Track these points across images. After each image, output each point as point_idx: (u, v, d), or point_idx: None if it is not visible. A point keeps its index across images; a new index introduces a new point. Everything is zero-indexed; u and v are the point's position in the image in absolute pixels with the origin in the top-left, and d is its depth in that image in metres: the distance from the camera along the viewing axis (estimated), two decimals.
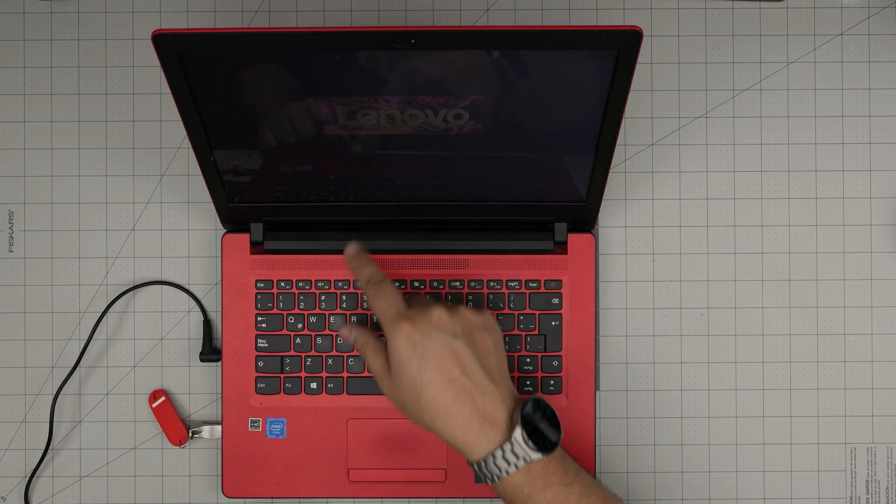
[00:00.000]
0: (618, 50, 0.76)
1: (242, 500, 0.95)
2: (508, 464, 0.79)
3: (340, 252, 0.93)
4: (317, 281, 0.93)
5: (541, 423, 0.80)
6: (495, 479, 0.80)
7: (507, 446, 0.79)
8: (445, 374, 0.80)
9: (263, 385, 0.93)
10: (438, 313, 0.82)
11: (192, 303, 0.96)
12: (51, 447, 0.95)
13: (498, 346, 0.84)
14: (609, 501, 0.80)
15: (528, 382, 0.93)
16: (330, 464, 0.93)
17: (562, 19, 0.96)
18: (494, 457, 0.79)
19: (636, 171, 0.96)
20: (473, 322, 0.83)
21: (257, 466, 0.93)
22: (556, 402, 0.93)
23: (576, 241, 0.93)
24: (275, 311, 0.93)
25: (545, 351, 0.93)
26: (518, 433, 0.79)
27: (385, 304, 0.83)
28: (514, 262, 0.93)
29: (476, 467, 0.81)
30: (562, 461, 0.81)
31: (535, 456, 0.79)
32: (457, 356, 0.81)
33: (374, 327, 0.92)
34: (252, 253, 0.93)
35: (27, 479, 0.95)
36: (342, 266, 0.93)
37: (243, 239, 0.93)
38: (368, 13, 0.96)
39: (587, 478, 0.81)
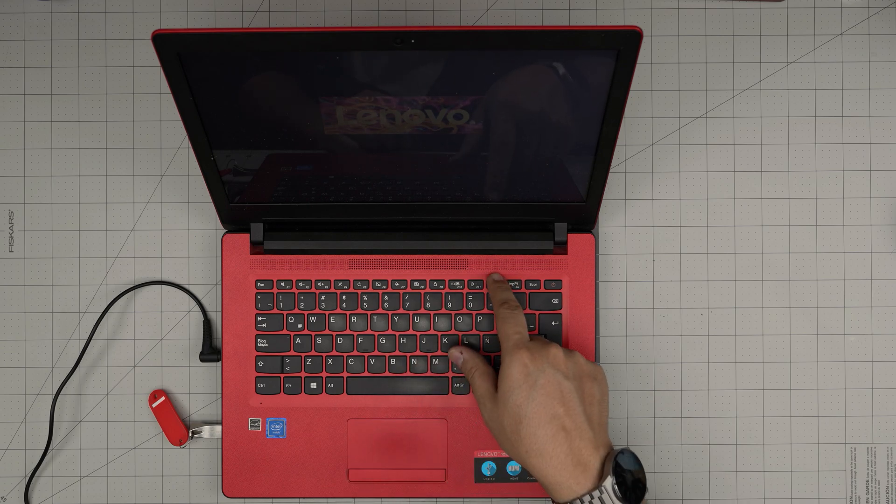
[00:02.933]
0: (618, 50, 0.76)
1: (242, 500, 0.95)
2: None
3: (340, 252, 0.93)
4: (317, 281, 0.93)
5: (630, 476, 0.82)
6: None
7: (596, 493, 0.81)
8: (550, 409, 0.82)
9: (263, 385, 0.93)
10: (556, 351, 0.84)
11: (192, 303, 0.96)
12: (51, 447, 0.95)
13: (603, 397, 0.85)
14: None
15: None
16: (330, 464, 0.93)
17: (562, 19, 0.96)
18: (582, 502, 0.81)
19: (636, 171, 0.96)
20: (585, 369, 0.85)
21: (257, 466, 0.93)
22: None
23: (576, 241, 0.93)
24: (275, 311, 0.93)
25: None
26: (609, 483, 0.80)
27: (513, 329, 0.86)
28: (514, 262, 0.93)
29: None
30: None
31: None
32: (563, 395, 0.83)
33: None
34: (252, 253, 0.93)
35: (27, 479, 0.95)
36: (342, 266, 0.93)
37: (243, 239, 0.93)
38: (368, 13, 0.96)
39: None
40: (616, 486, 0.80)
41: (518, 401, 0.82)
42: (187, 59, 0.76)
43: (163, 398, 0.95)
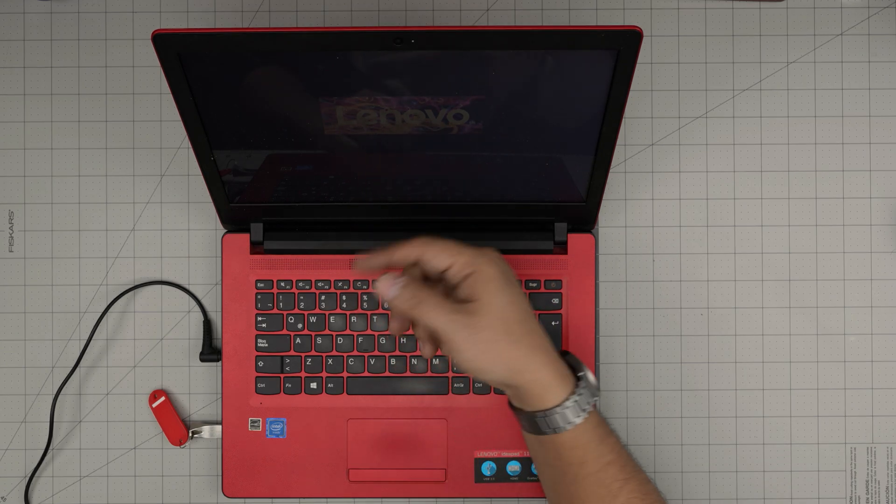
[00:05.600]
0: (618, 50, 0.76)
1: (242, 500, 0.95)
2: (580, 410, 0.78)
3: (340, 252, 0.93)
4: (317, 281, 0.93)
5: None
6: (556, 430, 0.78)
7: (581, 388, 0.78)
8: (528, 302, 0.79)
9: (263, 385, 0.93)
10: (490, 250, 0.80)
11: (192, 303, 0.96)
12: (51, 447, 0.95)
13: None
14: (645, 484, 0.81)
15: None
16: (330, 464, 0.93)
17: (562, 19, 0.96)
18: (568, 402, 0.77)
19: (636, 171, 0.96)
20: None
21: (257, 466, 0.93)
22: None
23: (576, 241, 0.93)
24: (275, 311, 0.93)
25: None
26: (585, 372, 0.78)
27: (444, 243, 0.79)
28: (514, 261, 0.93)
29: (540, 415, 0.78)
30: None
31: (597, 397, 0.79)
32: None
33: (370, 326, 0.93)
34: (252, 253, 0.93)
35: (27, 479, 0.95)
36: (342, 266, 0.93)
37: (243, 239, 0.93)
38: (368, 13, 0.96)
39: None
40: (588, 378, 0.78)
41: (513, 297, 0.77)
42: (187, 59, 0.76)
43: (163, 398, 0.95)
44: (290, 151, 0.86)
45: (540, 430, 0.79)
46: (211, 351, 0.95)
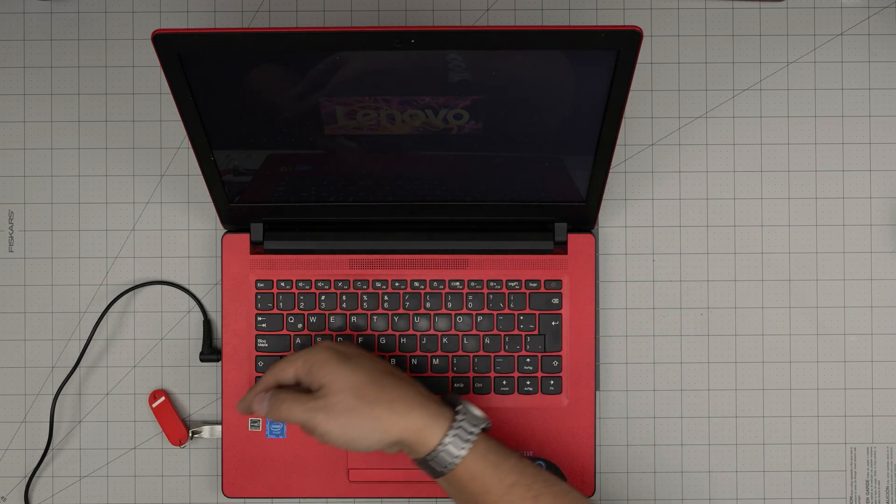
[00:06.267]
0: (618, 50, 0.76)
1: (242, 500, 0.95)
2: (463, 442, 0.80)
3: (340, 252, 0.93)
4: (317, 281, 0.93)
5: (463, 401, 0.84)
6: (448, 467, 0.80)
7: (459, 420, 0.81)
8: (380, 365, 0.83)
9: None
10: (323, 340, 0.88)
11: (192, 303, 0.96)
12: (51, 447, 0.95)
13: None
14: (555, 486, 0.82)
15: (527, 382, 0.93)
16: (330, 464, 0.93)
17: (562, 19, 0.96)
18: (447, 439, 0.80)
19: (636, 171, 0.96)
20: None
21: (257, 466, 0.93)
22: (556, 402, 0.93)
23: (576, 241, 0.93)
24: (275, 311, 0.93)
25: (545, 351, 0.93)
26: (464, 405, 0.82)
27: (284, 359, 0.84)
28: (514, 262, 0.93)
29: (428, 458, 0.81)
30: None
31: (483, 425, 0.82)
32: (372, 356, 0.85)
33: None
34: (252, 253, 0.93)
35: (27, 479, 0.95)
36: (342, 266, 0.93)
37: (243, 239, 0.93)
38: (368, 13, 0.96)
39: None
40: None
41: (353, 367, 0.81)
42: (187, 59, 0.76)
43: (163, 398, 0.95)
44: (290, 151, 0.86)
45: (437, 472, 0.81)
46: (211, 351, 0.95)
